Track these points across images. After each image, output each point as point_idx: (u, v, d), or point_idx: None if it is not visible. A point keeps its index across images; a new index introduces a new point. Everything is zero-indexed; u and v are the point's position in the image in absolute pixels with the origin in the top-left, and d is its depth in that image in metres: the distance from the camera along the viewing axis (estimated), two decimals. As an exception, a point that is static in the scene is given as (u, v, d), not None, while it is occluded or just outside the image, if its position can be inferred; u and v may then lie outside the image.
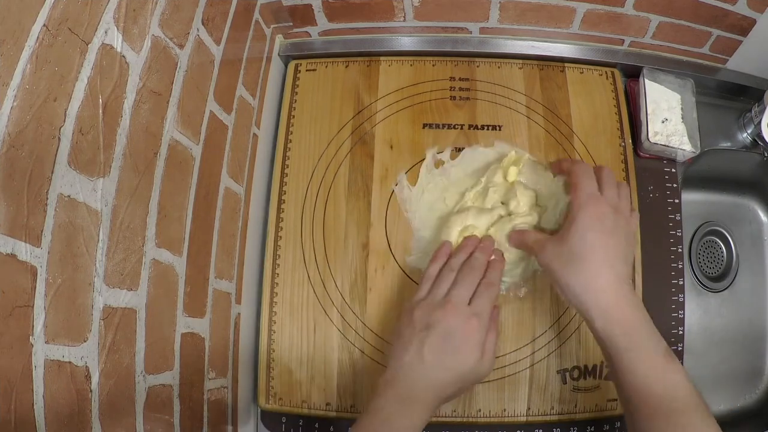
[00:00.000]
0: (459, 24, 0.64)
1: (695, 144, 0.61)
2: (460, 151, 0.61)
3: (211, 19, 0.47)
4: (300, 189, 0.61)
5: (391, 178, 0.61)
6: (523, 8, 0.61)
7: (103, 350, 0.34)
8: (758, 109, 0.63)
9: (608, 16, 0.61)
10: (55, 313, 0.30)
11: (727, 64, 0.66)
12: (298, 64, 0.66)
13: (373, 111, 0.63)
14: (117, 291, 0.35)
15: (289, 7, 0.61)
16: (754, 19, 0.58)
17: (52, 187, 0.30)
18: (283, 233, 0.60)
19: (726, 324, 0.73)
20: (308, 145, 0.62)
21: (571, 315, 0.57)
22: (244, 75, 0.56)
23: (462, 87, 0.64)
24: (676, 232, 0.61)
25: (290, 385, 0.57)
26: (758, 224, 0.77)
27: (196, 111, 0.46)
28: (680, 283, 0.60)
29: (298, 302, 0.58)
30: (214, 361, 0.50)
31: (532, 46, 0.66)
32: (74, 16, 0.30)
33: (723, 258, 0.76)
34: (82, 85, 0.31)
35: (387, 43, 0.66)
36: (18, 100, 0.27)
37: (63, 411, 0.30)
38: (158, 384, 0.41)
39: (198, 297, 0.47)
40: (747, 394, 0.71)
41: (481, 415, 0.55)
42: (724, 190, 0.77)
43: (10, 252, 0.27)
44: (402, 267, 0.58)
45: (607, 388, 0.56)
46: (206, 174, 0.48)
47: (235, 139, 0.54)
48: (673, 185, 0.63)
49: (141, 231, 0.38)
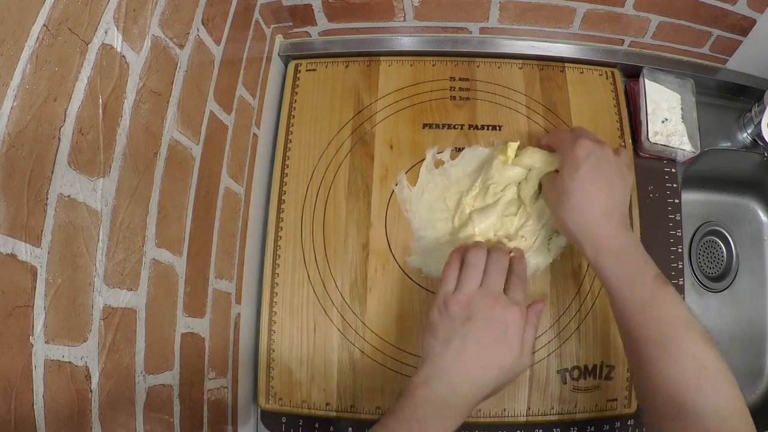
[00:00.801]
0: (459, 24, 0.64)
1: (695, 144, 0.61)
2: (460, 151, 0.61)
3: (211, 19, 0.47)
4: (300, 189, 0.61)
5: (391, 178, 0.61)
6: (523, 8, 0.61)
7: (103, 350, 0.34)
8: (758, 109, 0.63)
9: (608, 16, 0.61)
10: (55, 313, 0.30)
11: (727, 64, 0.66)
12: (298, 64, 0.66)
13: (373, 111, 0.63)
14: (117, 291, 0.35)
15: (289, 7, 0.61)
16: (754, 19, 0.58)
17: (52, 187, 0.30)
18: (283, 233, 0.60)
19: (726, 324, 0.73)
20: (308, 145, 0.62)
21: (571, 315, 0.57)
22: (244, 75, 0.56)
23: (462, 87, 0.64)
24: (676, 232, 0.61)
25: (290, 385, 0.57)
26: (758, 224, 0.77)
27: (196, 111, 0.46)
28: (680, 283, 0.60)
29: (298, 302, 0.58)
30: (214, 361, 0.50)
31: (532, 46, 0.66)
32: (74, 16, 0.30)
33: (723, 258, 0.76)
34: (82, 85, 0.31)
35: (387, 43, 0.66)
36: (18, 100, 0.27)
37: (63, 411, 0.30)
38: (158, 384, 0.41)
39: (198, 297, 0.47)
40: (747, 394, 0.71)
41: (481, 415, 0.55)
42: (724, 190, 0.77)
43: (10, 252, 0.27)
44: (402, 267, 0.58)
45: (607, 388, 0.56)
46: (206, 174, 0.48)
47: (235, 139, 0.54)
48: (673, 185, 0.63)
49: (141, 231, 0.38)
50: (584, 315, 0.57)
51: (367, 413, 0.56)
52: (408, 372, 0.56)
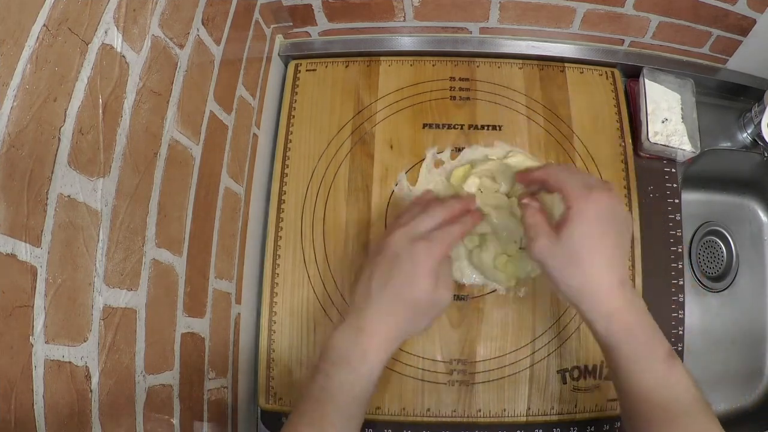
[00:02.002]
0: (459, 24, 0.64)
1: (695, 144, 0.61)
2: (460, 151, 0.61)
3: (211, 19, 0.47)
4: (300, 189, 0.61)
5: (391, 178, 0.61)
6: (523, 8, 0.61)
7: (103, 350, 0.34)
8: (758, 109, 0.63)
9: (608, 16, 0.61)
10: (55, 313, 0.30)
11: (727, 64, 0.66)
12: (298, 64, 0.66)
13: (373, 111, 0.63)
14: (117, 291, 0.35)
15: (289, 7, 0.61)
16: (754, 19, 0.58)
17: (52, 187, 0.30)
18: (283, 233, 0.60)
19: (726, 324, 0.73)
20: (308, 145, 0.62)
21: (571, 315, 0.57)
22: (244, 75, 0.56)
23: (462, 87, 0.64)
24: (676, 232, 0.61)
25: (290, 385, 0.57)
26: (758, 224, 0.77)
27: (196, 111, 0.46)
28: (680, 283, 0.60)
29: (298, 302, 0.58)
30: (214, 361, 0.50)
31: (532, 46, 0.66)
32: (74, 16, 0.30)
33: (723, 258, 0.76)
34: (82, 85, 0.31)
35: (387, 43, 0.66)
36: (18, 100, 0.27)
37: (63, 411, 0.30)
38: (158, 384, 0.41)
39: (198, 297, 0.47)
40: (747, 394, 0.71)
41: (481, 415, 0.55)
42: (724, 190, 0.77)
43: (10, 252, 0.27)
44: (402, 267, 0.58)
45: (607, 388, 0.56)
46: (206, 174, 0.48)
47: (235, 139, 0.54)
48: (673, 185, 0.63)
49: (141, 231, 0.38)
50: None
51: (367, 413, 0.55)
52: (408, 372, 0.56)
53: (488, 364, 0.56)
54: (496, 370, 0.56)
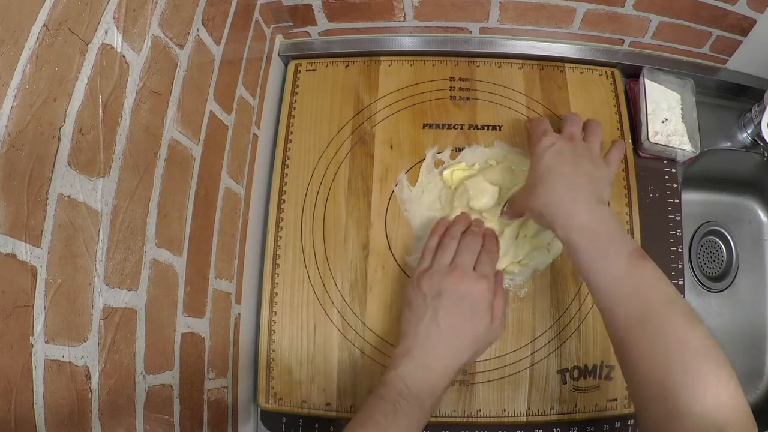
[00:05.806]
0: (459, 24, 0.64)
1: (695, 144, 0.61)
2: (460, 151, 0.61)
3: (211, 19, 0.47)
4: (300, 189, 0.61)
5: (391, 178, 0.61)
6: (523, 8, 0.61)
7: (103, 350, 0.34)
8: (758, 109, 0.62)
9: (608, 16, 0.61)
10: (55, 313, 0.30)
11: (727, 64, 0.66)
12: (298, 64, 0.66)
13: (373, 111, 0.63)
14: (117, 291, 0.35)
15: (289, 7, 0.61)
16: (754, 19, 0.58)
17: (52, 187, 0.30)
18: (283, 233, 0.60)
19: (726, 324, 0.73)
20: (308, 145, 0.62)
21: (571, 315, 0.57)
22: (244, 75, 0.56)
23: (462, 87, 0.64)
24: (676, 232, 0.61)
25: (290, 385, 0.57)
26: (758, 224, 0.77)
27: (196, 111, 0.46)
28: (680, 283, 0.60)
29: (298, 302, 0.58)
30: (214, 361, 0.50)
31: (532, 46, 0.66)
32: (74, 16, 0.30)
33: (723, 258, 0.76)
34: (82, 85, 0.31)
35: (387, 43, 0.66)
36: (18, 100, 0.27)
37: (63, 411, 0.30)
38: (158, 384, 0.41)
39: (198, 297, 0.47)
40: (747, 394, 0.71)
41: (481, 415, 0.55)
42: (724, 190, 0.77)
43: (10, 252, 0.27)
44: (402, 267, 0.58)
45: (607, 388, 0.56)
46: (206, 174, 0.48)
47: (235, 139, 0.54)
48: (673, 185, 0.63)
49: (141, 231, 0.38)
50: (584, 315, 0.57)
51: (367, 413, 0.56)
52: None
53: (488, 364, 0.56)
54: (496, 370, 0.56)
